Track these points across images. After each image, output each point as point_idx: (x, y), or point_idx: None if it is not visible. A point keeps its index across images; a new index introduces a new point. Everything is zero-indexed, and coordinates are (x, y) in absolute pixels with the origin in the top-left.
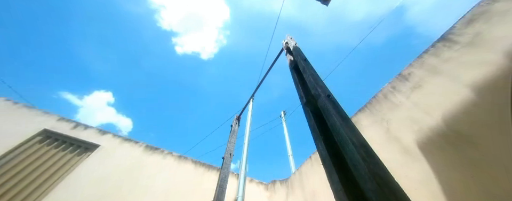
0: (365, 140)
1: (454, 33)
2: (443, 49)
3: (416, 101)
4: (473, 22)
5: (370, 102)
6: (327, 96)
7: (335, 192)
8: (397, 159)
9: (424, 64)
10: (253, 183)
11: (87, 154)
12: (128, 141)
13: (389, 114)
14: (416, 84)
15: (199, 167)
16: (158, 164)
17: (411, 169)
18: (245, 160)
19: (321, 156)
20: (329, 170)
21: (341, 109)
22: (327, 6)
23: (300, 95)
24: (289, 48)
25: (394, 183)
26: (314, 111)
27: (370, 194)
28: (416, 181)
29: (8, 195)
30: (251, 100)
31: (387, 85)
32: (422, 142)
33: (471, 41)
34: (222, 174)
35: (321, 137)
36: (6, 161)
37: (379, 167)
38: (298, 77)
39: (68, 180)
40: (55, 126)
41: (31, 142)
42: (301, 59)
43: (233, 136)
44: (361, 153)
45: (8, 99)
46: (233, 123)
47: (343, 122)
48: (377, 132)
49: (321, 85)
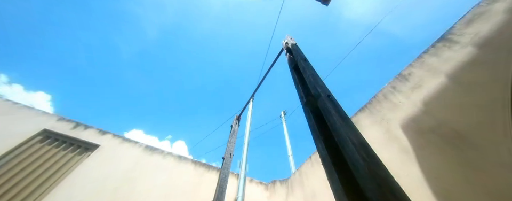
0: (365, 140)
1: (454, 33)
2: (443, 49)
3: (416, 101)
4: (473, 22)
5: (370, 102)
6: (327, 96)
7: (335, 192)
8: (397, 159)
9: (424, 64)
10: (253, 183)
11: (87, 154)
12: (128, 142)
13: (389, 114)
14: (416, 84)
15: (198, 167)
16: (158, 164)
17: (411, 169)
18: (245, 160)
19: (321, 156)
20: (329, 170)
21: (341, 109)
22: (327, 6)
23: (300, 95)
24: (289, 48)
25: (394, 183)
26: (314, 112)
27: (370, 194)
28: (416, 181)
29: (8, 195)
30: (251, 100)
31: (387, 85)
32: (422, 142)
33: (471, 41)
34: (222, 174)
35: (321, 137)
36: (6, 161)
37: (379, 167)
38: (298, 77)
39: (68, 180)
40: (55, 126)
41: (31, 142)
42: (301, 59)
43: (233, 136)
44: (361, 153)
45: (8, 99)
46: (233, 123)
47: (343, 122)
48: (377, 132)
49: (321, 85)
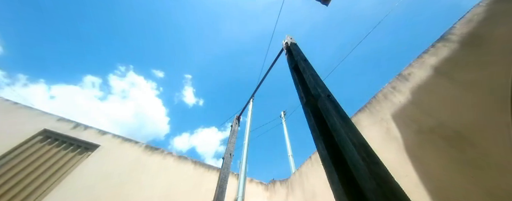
0: (365, 140)
1: (454, 33)
2: (443, 49)
3: (416, 101)
4: (473, 22)
5: (370, 102)
6: (327, 96)
7: (335, 192)
8: (397, 159)
9: (424, 64)
10: (252, 183)
11: (87, 154)
12: (128, 142)
13: (389, 114)
14: (416, 84)
15: (199, 167)
16: (158, 165)
17: (411, 169)
18: (245, 160)
19: (321, 156)
20: (329, 170)
21: (341, 109)
22: (327, 6)
23: (300, 96)
24: (289, 49)
25: (394, 183)
26: (314, 112)
27: (370, 194)
28: (416, 181)
29: (8, 195)
30: (251, 100)
31: (387, 85)
32: (422, 143)
33: (471, 41)
34: (222, 174)
35: (321, 137)
36: (6, 161)
37: (379, 167)
38: (298, 77)
39: (68, 180)
40: (55, 126)
41: (31, 142)
42: (301, 59)
43: (233, 136)
44: (361, 153)
45: (8, 99)
46: (233, 123)
47: (343, 122)
48: (377, 132)
49: (321, 85)
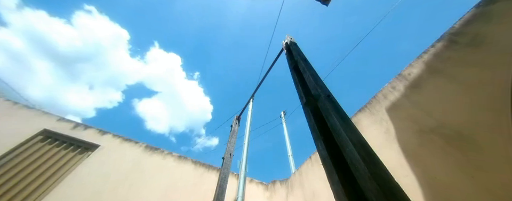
0: (365, 140)
1: (454, 33)
2: (443, 49)
3: (416, 101)
4: (473, 22)
5: (370, 102)
6: (327, 96)
7: (335, 192)
8: (397, 158)
9: (424, 64)
10: (253, 183)
11: (87, 154)
12: (128, 142)
13: (389, 114)
14: (416, 84)
15: (199, 167)
16: (158, 165)
17: (411, 169)
18: (245, 160)
19: (321, 156)
20: (329, 170)
21: (341, 109)
22: (327, 6)
23: (300, 96)
24: (289, 49)
25: (394, 183)
26: (314, 112)
27: (370, 194)
28: (416, 181)
29: (8, 195)
30: (251, 100)
31: (387, 85)
32: (422, 143)
33: (471, 41)
34: (222, 174)
35: (321, 137)
36: (6, 161)
37: (379, 167)
38: (298, 77)
39: (68, 180)
40: (55, 126)
41: (31, 142)
42: (301, 59)
43: (233, 136)
44: (361, 153)
45: (8, 99)
46: (233, 123)
47: (343, 122)
48: (377, 132)
49: (321, 85)
